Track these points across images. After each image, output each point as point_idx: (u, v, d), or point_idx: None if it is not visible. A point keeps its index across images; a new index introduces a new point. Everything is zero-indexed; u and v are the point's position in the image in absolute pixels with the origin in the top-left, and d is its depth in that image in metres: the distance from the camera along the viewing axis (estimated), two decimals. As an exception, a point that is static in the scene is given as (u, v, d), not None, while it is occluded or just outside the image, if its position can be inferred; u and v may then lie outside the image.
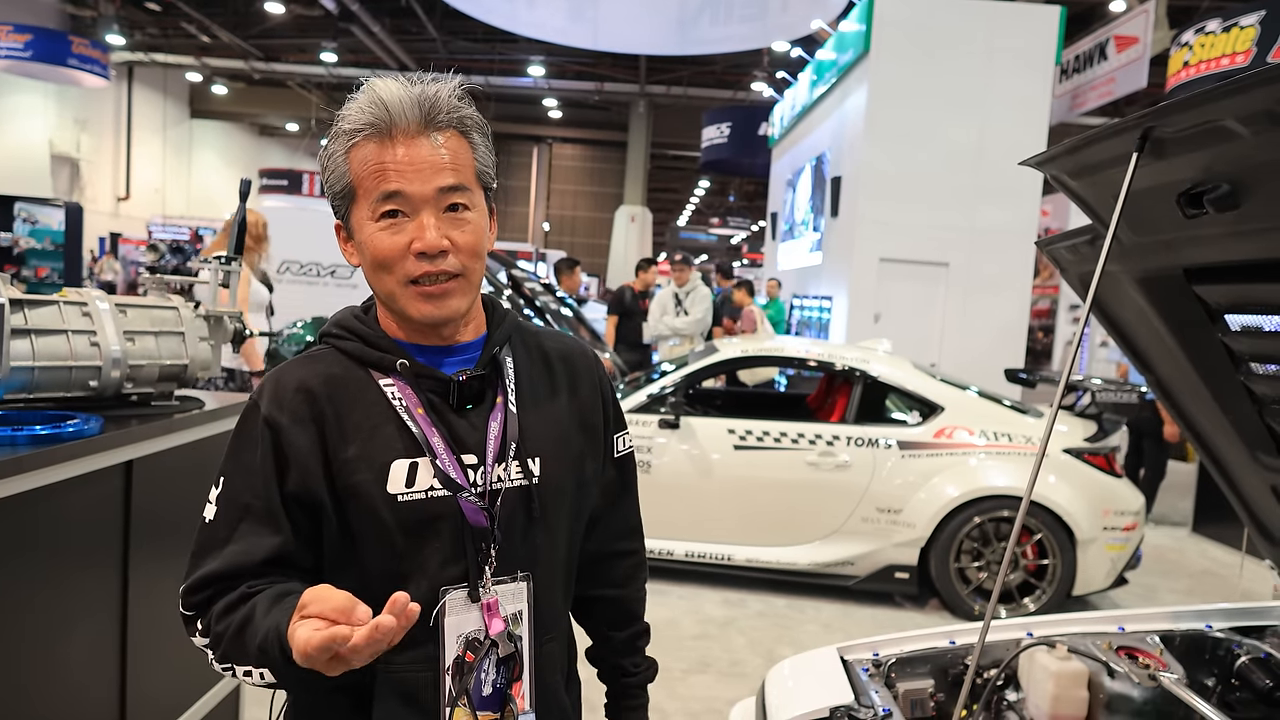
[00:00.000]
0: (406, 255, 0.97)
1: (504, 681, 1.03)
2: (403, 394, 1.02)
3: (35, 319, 1.79)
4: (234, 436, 1.02)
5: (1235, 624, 1.75)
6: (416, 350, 1.04)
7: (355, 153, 0.98)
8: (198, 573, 0.97)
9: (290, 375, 1.03)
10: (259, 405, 1.01)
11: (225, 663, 0.94)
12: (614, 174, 23.37)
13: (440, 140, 0.98)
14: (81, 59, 16.28)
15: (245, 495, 0.98)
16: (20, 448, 1.55)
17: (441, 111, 0.98)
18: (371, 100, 0.97)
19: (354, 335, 1.05)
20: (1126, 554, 4.33)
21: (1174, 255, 1.25)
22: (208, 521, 1.00)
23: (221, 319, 2.28)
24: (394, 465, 0.99)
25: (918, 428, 4.46)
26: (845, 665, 1.66)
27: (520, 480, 1.04)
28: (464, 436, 1.03)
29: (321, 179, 1.04)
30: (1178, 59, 10.35)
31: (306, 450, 0.98)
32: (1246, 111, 0.90)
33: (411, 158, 0.96)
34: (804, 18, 12.14)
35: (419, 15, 17.54)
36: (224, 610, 0.94)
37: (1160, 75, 11.00)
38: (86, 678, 1.81)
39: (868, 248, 8.58)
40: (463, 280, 1.00)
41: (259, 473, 0.98)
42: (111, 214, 21.53)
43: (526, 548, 1.04)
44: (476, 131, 1.02)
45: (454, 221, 0.99)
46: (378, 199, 0.97)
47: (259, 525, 0.97)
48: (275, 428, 0.99)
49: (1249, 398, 1.39)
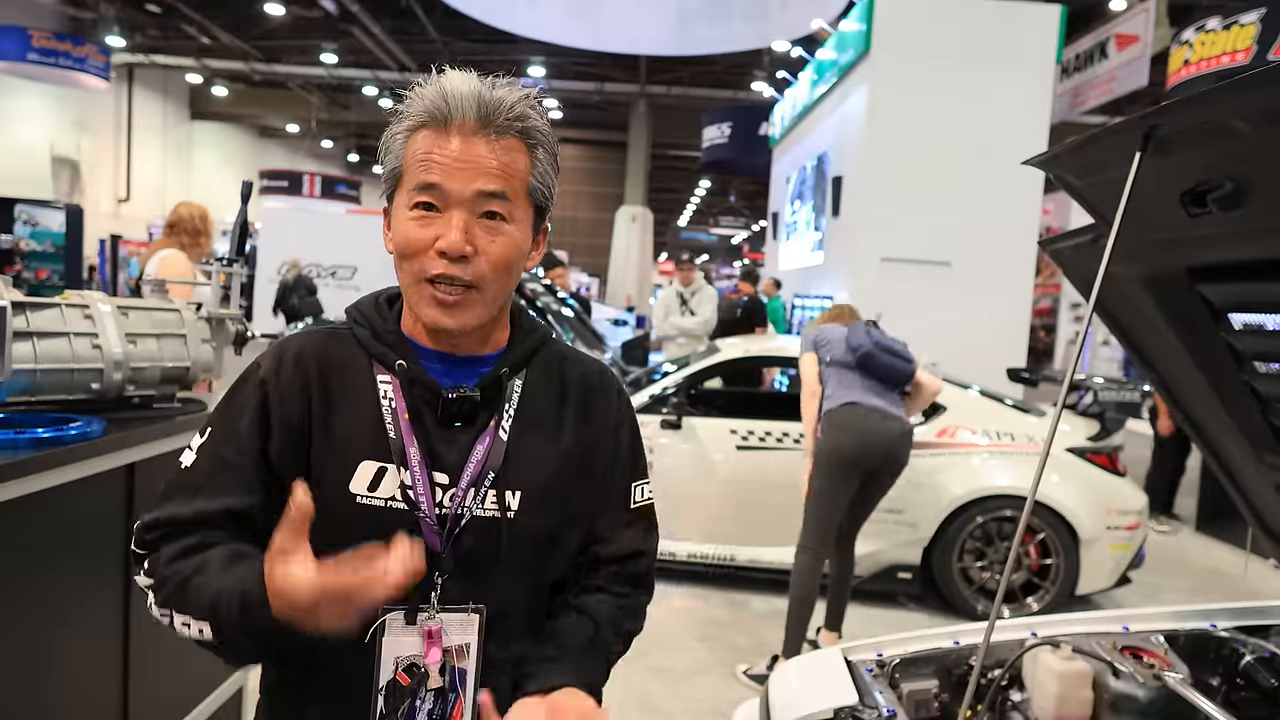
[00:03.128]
0: (429, 250, 0.93)
1: (440, 715, 0.97)
2: (395, 395, 0.99)
3: (37, 322, 1.79)
4: (228, 392, 1.01)
5: (1240, 623, 1.75)
6: (427, 354, 1.01)
7: (411, 139, 0.96)
8: (158, 512, 0.96)
9: (293, 345, 1.02)
10: (259, 367, 1.01)
11: (165, 608, 0.92)
12: (614, 174, 23.38)
13: (498, 144, 0.94)
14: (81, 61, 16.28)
15: (227, 451, 0.97)
16: (23, 450, 1.55)
17: (502, 115, 0.94)
18: (436, 90, 0.95)
19: (367, 323, 1.03)
20: (1130, 553, 4.32)
21: (1177, 254, 1.24)
22: (184, 467, 0.99)
23: (223, 321, 2.28)
24: (362, 465, 0.96)
25: (921, 427, 4.45)
26: (849, 666, 1.65)
27: (493, 512, 0.98)
28: (442, 454, 0.98)
29: (379, 158, 1.01)
30: (1178, 57, 10.34)
31: (292, 422, 0.97)
32: (1250, 110, 0.90)
33: (460, 154, 0.93)
34: (804, 17, 12.13)
35: (419, 16, 17.54)
36: (175, 555, 0.92)
37: (1161, 73, 10.99)
38: (89, 680, 1.81)
39: (869, 247, 8.57)
40: (479, 294, 0.95)
41: (244, 433, 0.97)
42: (112, 216, 21.53)
43: (485, 582, 0.98)
44: (541, 146, 0.98)
45: (487, 229, 0.95)
46: (416, 188, 0.94)
47: (233, 482, 0.96)
48: (268, 389, 0.98)
49: (1253, 397, 1.38)
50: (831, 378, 3.57)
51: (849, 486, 3.45)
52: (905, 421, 3.53)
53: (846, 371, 3.53)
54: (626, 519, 1.11)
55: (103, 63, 16.81)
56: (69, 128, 20.28)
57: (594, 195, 29.91)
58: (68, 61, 16.11)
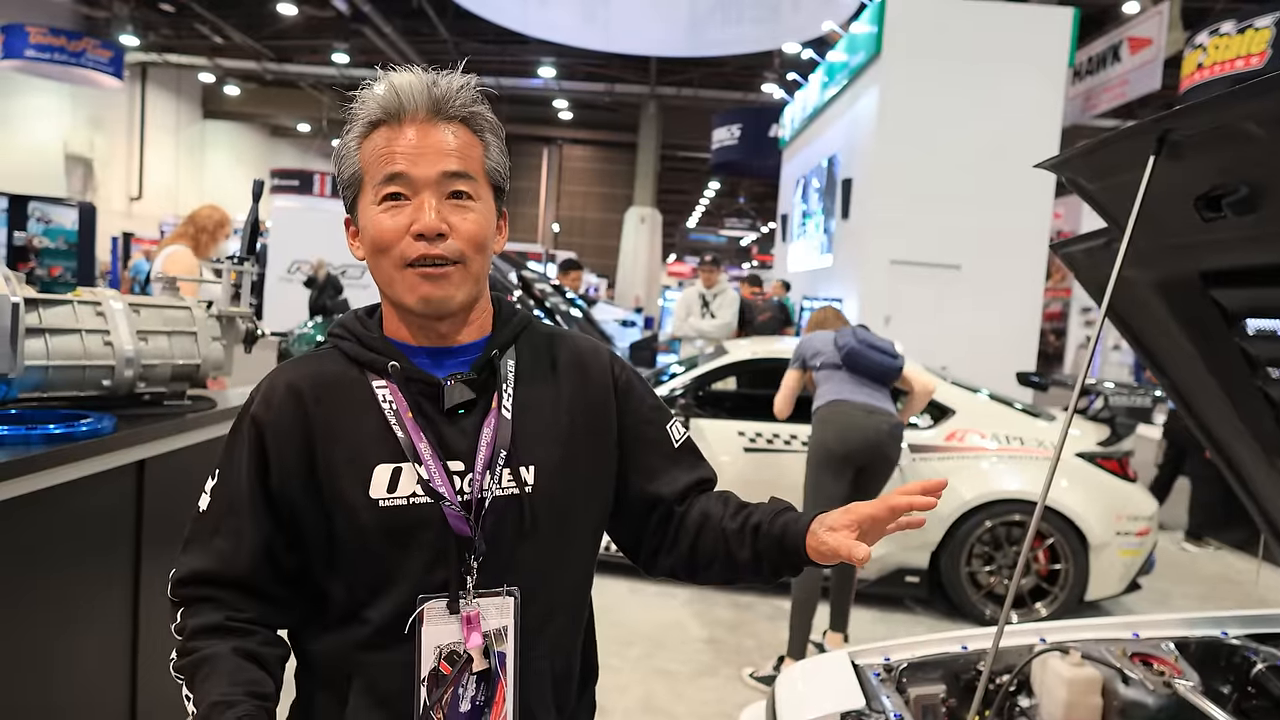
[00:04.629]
0: (404, 237, 0.97)
1: (484, 699, 0.99)
2: (394, 397, 1.01)
3: (49, 318, 1.80)
4: (230, 435, 1.04)
5: (1251, 631, 1.73)
6: (416, 352, 1.03)
7: (366, 142, 1.00)
8: (187, 567, 1.01)
9: (283, 376, 1.04)
10: (251, 404, 1.03)
11: (180, 674, 0.99)
12: (624, 175, 23.38)
13: (450, 130, 0.99)
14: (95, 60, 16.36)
15: (231, 491, 1.01)
16: (34, 446, 1.56)
17: (453, 103, 0.99)
18: (385, 87, 0.99)
19: (351, 335, 1.05)
20: (1140, 559, 4.30)
21: (1191, 259, 1.23)
22: (201, 512, 1.03)
23: (234, 319, 2.29)
24: (377, 470, 0.98)
25: (929, 430, 4.44)
26: (856, 670, 1.65)
27: (512, 489, 1.00)
28: (452, 443, 1.00)
29: (335, 173, 1.05)
30: (1191, 61, 10.28)
31: (290, 451, 0.99)
32: (1266, 114, 0.89)
33: (418, 142, 0.97)
34: (815, 19, 12.11)
35: (430, 16, 17.60)
36: (196, 632, 0.99)
37: (1174, 77, 10.93)
38: (98, 676, 1.82)
39: (879, 249, 8.55)
40: (463, 268, 0.98)
41: (243, 470, 1.00)
42: (124, 214, 21.67)
43: (516, 560, 1.01)
44: (489, 131, 1.03)
45: (456, 208, 0.98)
46: (381, 181, 0.97)
47: (241, 522, 0.99)
48: (260, 427, 1.00)
49: (1266, 403, 1.37)
50: (823, 381, 3.65)
51: (840, 482, 3.50)
52: (893, 416, 3.58)
53: (835, 371, 3.62)
54: (676, 459, 1.14)
55: (105, 57, 16.79)
56: (83, 126, 20.42)
57: (603, 196, 29.91)
58: (63, 56, 16.17)
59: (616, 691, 3.30)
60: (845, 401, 3.53)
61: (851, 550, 0.92)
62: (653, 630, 3.94)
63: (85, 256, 4.53)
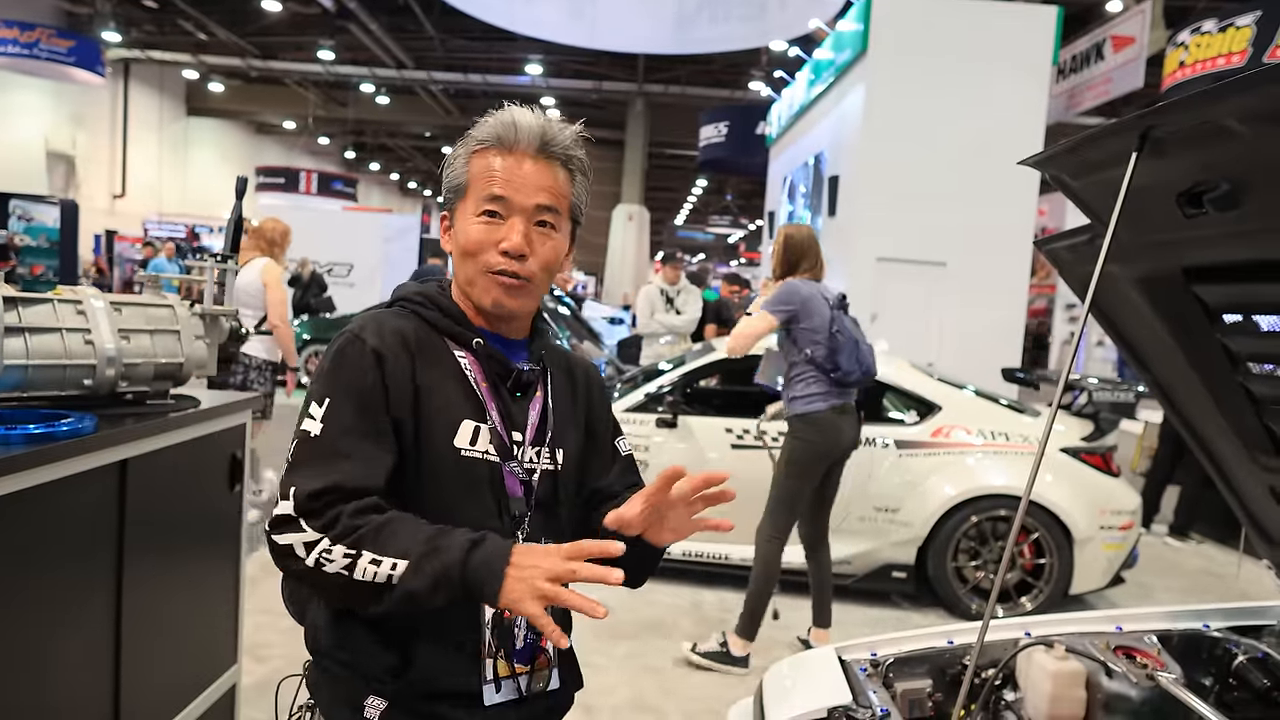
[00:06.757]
0: (492, 249, 1.13)
1: (534, 638, 1.16)
2: (473, 367, 1.16)
3: (29, 317, 1.78)
4: (335, 365, 1.10)
5: (1233, 624, 1.75)
6: (486, 334, 1.19)
7: (476, 158, 1.16)
8: (315, 481, 1.02)
9: (385, 321, 1.15)
10: (362, 338, 1.11)
11: (353, 548, 0.99)
12: (611, 173, 23.37)
13: (551, 168, 1.16)
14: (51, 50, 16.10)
15: (357, 417, 1.07)
16: (14, 447, 1.54)
17: (558, 145, 1.16)
18: (504, 120, 1.15)
19: (437, 306, 1.19)
20: (1123, 553, 4.34)
21: (1173, 255, 1.24)
22: (314, 435, 1.06)
23: (218, 318, 2.27)
24: (464, 423, 1.13)
25: (915, 427, 4.46)
26: (843, 665, 1.65)
27: (549, 465, 1.20)
28: (514, 416, 1.18)
29: (441, 175, 1.21)
30: (1174, 59, 10.37)
31: (404, 386, 1.10)
32: (1247, 110, 0.90)
33: (523, 173, 1.14)
34: (802, 17, 12.13)
35: (416, 13, 17.50)
36: (361, 510, 1.02)
37: (1156, 75, 11.02)
38: (80, 678, 1.80)
39: (865, 247, 8.58)
40: (531, 286, 1.16)
41: (372, 397, 1.08)
42: (107, 211, 21.46)
43: (551, 524, 1.19)
44: (580, 173, 1.21)
45: (540, 235, 1.15)
46: (484, 198, 1.14)
47: (375, 445, 1.07)
48: (382, 358, 1.10)
49: (1247, 398, 1.38)
50: (803, 367, 3.52)
51: (814, 484, 3.57)
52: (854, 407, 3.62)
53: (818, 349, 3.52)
54: (619, 465, 1.33)
55: (63, 47, 16.48)
56: (65, 123, 20.21)
57: (591, 193, 29.86)
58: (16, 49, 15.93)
59: (605, 690, 3.30)
60: (836, 404, 3.47)
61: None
62: (640, 628, 3.95)
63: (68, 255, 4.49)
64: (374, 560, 0.99)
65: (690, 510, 1.11)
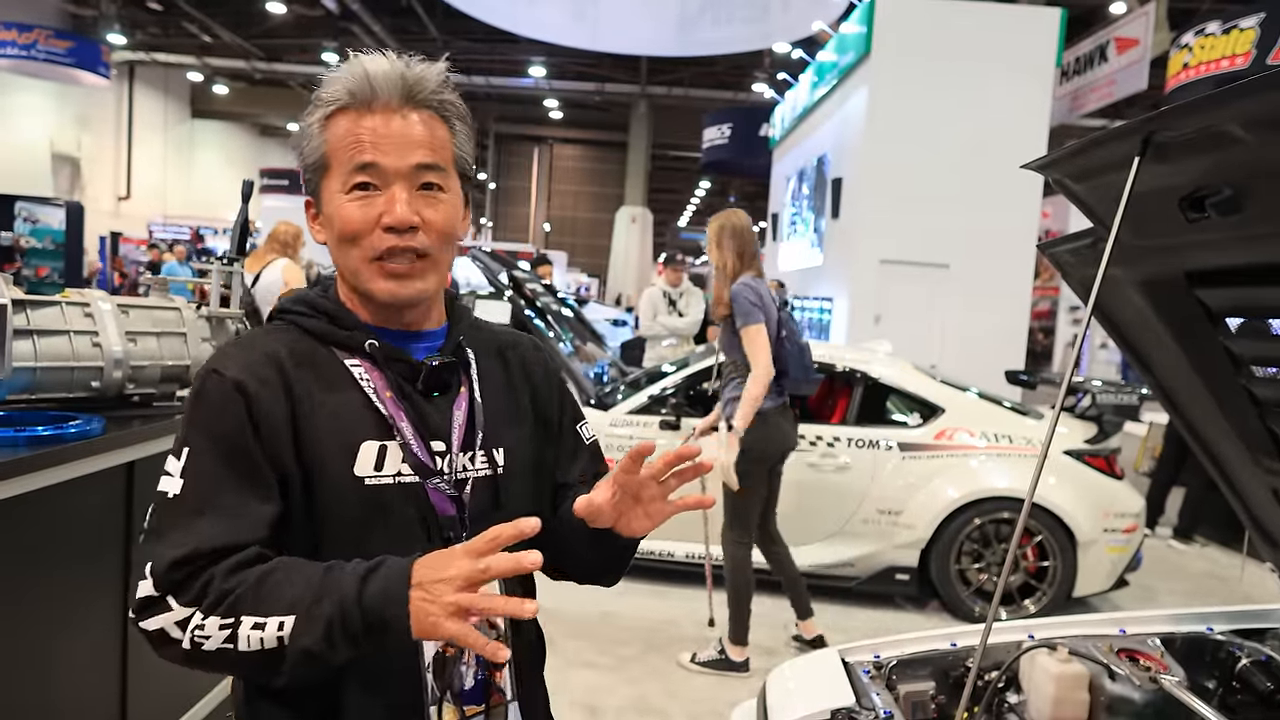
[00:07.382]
0: (375, 229, 0.95)
1: (485, 672, 1.00)
2: (370, 375, 0.98)
3: (37, 320, 1.79)
4: (193, 408, 0.94)
5: (1236, 626, 1.75)
6: (384, 334, 1.01)
7: (332, 124, 0.97)
8: (175, 549, 0.85)
9: (255, 344, 0.98)
10: (220, 371, 0.94)
11: (229, 616, 0.83)
12: (615, 175, 23.39)
13: (421, 118, 0.97)
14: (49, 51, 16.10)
15: (221, 465, 0.90)
16: (22, 449, 1.55)
17: (425, 90, 0.97)
18: (354, 72, 0.96)
19: (319, 312, 1.01)
20: (1127, 556, 4.33)
21: (1176, 259, 1.25)
22: (173, 496, 0.90)
23: (224, 320, 2.28)
24: (363, 446, 0.95)
25: (918, 429, 4.46)
26: (846, 667, 1.66)
27: (485, 470, 1.03)
28: (432, 423, 1.00)
29: (296, 153, 1.01)
30: (1177, 61, 10.35)
31: (278, 418, 0.93)
32: (1250, 115, 0.90)
33: (389, 131, 0.95)
34: (805, 19, 12.15)
35: (420, 15, 17.56)
36: (236, 567, 0.85)
37: (1160, 77, 11.00)
38: (88, 678, 1.81)
39: (868, 249, 8.59)
40: (430, 261, 0.98)
41: (238, 438, 0.91)
42: (112, 213, 21.51)
43: None
44: (458, 119, 1.02)
45: (427, 199, 0.97)
46: (350, 170, 0.95)
47: (250, 494, 0.90)
48: (246, 393, 0.92)
49: (1250, 401, 1.39)
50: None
51: (765, 484, 3.59)
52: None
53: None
54: (583, 453, 1.18)
55: (62, 48, 16.37)
56: (70, 125, 20.27)
57: (594, 195, 29.90)
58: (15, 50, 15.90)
59: (608, 691, 3.31)
60: (778, 404, 3.51)
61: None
62: (644, 630, 3.95)
63: (73, 257, 4.51)
64: (256, 625, 0.82)
65: (664, 490, 0.98)
